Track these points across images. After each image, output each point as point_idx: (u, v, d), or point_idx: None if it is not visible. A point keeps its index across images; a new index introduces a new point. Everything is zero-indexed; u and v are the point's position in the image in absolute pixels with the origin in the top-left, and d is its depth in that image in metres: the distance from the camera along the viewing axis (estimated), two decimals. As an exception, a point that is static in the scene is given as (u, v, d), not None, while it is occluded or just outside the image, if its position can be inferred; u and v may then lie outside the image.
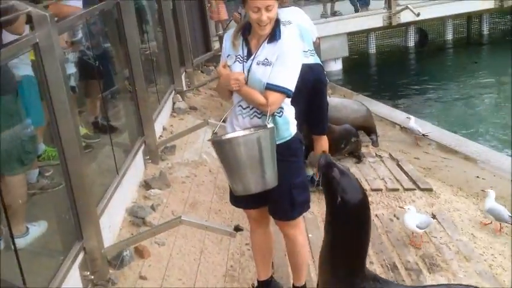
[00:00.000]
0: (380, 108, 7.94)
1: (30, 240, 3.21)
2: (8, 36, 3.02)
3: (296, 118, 2.88)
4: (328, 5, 10.63)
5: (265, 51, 2.70)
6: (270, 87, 2.65)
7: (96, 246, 3.19)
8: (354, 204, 2.37)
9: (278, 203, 2.86)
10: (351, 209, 2.37)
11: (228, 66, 2.77)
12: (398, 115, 7.59)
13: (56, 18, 3.12)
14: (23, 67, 3.45)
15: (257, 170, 2.62)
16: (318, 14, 10.59)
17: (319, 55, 4.31)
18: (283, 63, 2.67)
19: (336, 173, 2.40)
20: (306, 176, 3.02)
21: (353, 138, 5.24)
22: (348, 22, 10.27)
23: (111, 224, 3.65)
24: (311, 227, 4.01)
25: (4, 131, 3.04)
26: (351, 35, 11.17)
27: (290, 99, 2.79)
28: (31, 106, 3.71)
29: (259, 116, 2.72)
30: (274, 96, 2.66)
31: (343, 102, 6.39)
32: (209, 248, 3.74)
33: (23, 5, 2.70)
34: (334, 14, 10.48)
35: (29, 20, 2.90)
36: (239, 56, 2.76)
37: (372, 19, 10.36)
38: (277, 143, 2.70)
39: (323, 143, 4.37)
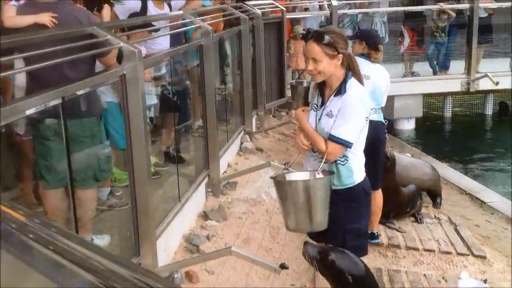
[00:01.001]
0: (448, 172, 7.83)
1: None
2: (100, 66, 3.41)
3: None
4: (407, 65, 10.70)
5: (332, 103, 2.93)
6: (330, 138, 2.88)
7: (150, 264, 3.43)
8: (362, 276, 2.51)
9: (330, 241, 3.01)
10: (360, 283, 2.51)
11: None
12: (467, 182, 7.46)
13: (143, 55, 3.50)
14: (108, 94, 3.85)
15: (307, 212, 2.85)
16: (398, 72, 10.63)
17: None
18: (343, 116, 2.88)
19: (332, 256, 2.55)
20: (365, 223, 3.15)
21: (419, 201, 5.29)
22: (425, 83, 10.27)
23: (167, 247, 3.90)
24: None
25: (85, 149, 3.41)
26: (427, 96, 11.14)
27: (361, 149, 3.02)
28: (113, 130, 4.11)
29: (322, 161, 2.93)
30: (332, 147, 2.88)
31: (412, 162, 6.35)
32: (255, 283, 3.89)
33: (116, 41, 3.07)
34: (412, 74, 10.54)
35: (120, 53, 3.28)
36: (315, 105, 3.05)
37: (450, 83, 10.28)
38: (338, 188, 2.93)
39: (376, 199, 4.45)
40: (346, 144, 2.88)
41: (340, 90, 2.92)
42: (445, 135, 11.96)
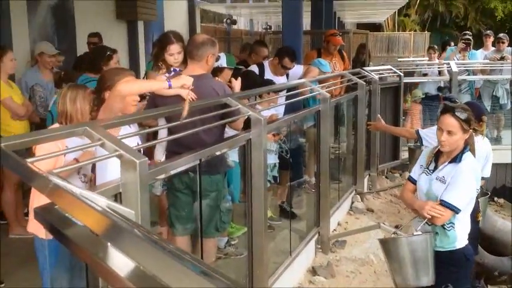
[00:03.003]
0: None
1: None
2: (229, 131, 3.88)
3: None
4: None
5: (445, 169, 3.15)
6: (446, 205, 3.08)
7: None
8: None
9: None
10: None
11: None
12: None
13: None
14: (232, 154, 4.31)
15: (412, 268, 3.12)
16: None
17: None
18: (455, 183, 3.08)
19: None
20: (465, 287, 3.28)
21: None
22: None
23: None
24: None
25: (210, 202, 3.83)
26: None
27: (468, 217, 3.20)
28: (233, 185, 4.55)
29: (429, 224, 3.17)
30: (446, 213, 3.08)
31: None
32: None
33: (245, 109, 3.52)
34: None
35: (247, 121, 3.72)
36: (427, 170, 3.26)
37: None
38: (440, 250, 3.15)
39: None
40: (455, 210, 3.06)
41: (456, 159, 3.12)
42: None
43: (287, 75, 5.82)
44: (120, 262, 1.28)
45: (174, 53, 3.98)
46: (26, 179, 1.62)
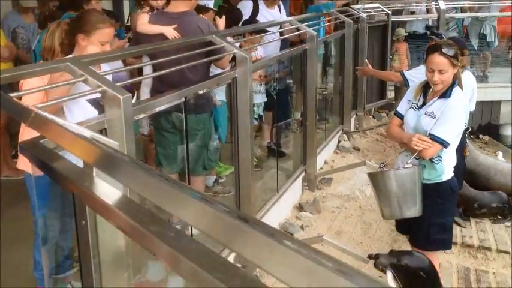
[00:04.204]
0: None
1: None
2: (214, 70, 3.86)
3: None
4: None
5: (435, 105, 3.19)
6: (435, 139, 3.13)
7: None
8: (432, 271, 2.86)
9: (416, 234, 3.37)
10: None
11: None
12: None
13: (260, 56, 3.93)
14: (219, 93, 4.31)
15: (399, 199, 3.20)
16: (506, 77, 10.24)
17: None
18: (445, 117, 3.13)
19: (405, 259, 2.86)
20: (451, 219, 3.38)
21: (495, 204, 5.30)
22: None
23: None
24: (444, 273, 4.22)
25: (197, 141, 3.88)
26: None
27: (454, 151, 3.27)
28: (220, 125, 4.58)
29: (417, 158, 3.21)
30: (436, 146, 3.13)
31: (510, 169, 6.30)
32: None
33: (230, 47, 3.50)
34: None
35: (232, 59, 3.71)
36: (415, 104, 3.30)
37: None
38: (427, 183, 3.21)
39: None
40: (444, 144, 3.12)
41: (446, 94, 3.16)
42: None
43: (279, 7, 5.71)
44: (107, 191, 1.32)
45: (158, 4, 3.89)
46: (9, 111, 1.63)
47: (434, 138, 3.11)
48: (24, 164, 2.73)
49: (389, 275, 2.96)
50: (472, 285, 4.11)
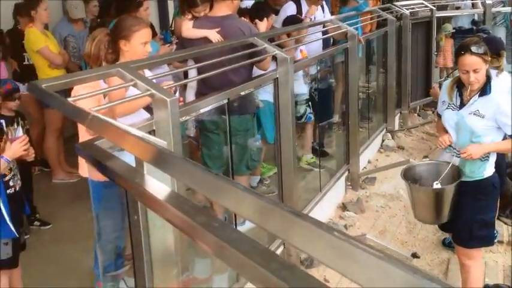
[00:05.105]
0: None
1: (244, 230, 4.09)
2: (256, 71, 3.95)
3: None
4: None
5: (477, 103, 3.17)
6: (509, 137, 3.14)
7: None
8: None
9: (458, 232, 3.38)
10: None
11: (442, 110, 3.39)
12: None
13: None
14: (264, 94, 4.39)
15: (435, 211, 3.27)
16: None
17: None
18: (504, 114, 3.11)
19: None
20: (492, 215, 3.36)
21: None
22: None
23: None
24: (490, 273, 4.17)
25: (240, 141, 3.97)
26: None
27: None
28: (265, 126, 4.65)
29: (458, 155, 3.25)
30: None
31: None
32: (387, 271, 4.18)
33: (272, 49, 3.57)
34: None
35: (274, 59, 3.78)
36: (452, 104, 3.29)
37: None
38: (469, 180, 3.22)
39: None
40: None
41: (486, 91, 3.14)
42: None
43: (322, 8, 5.74)
44: (156, 187, 1.41)
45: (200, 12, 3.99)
46: (68, 114, 1.75)
47: None
48: (84, 170, 2.89)
49: None
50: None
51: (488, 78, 3.18)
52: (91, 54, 2.95)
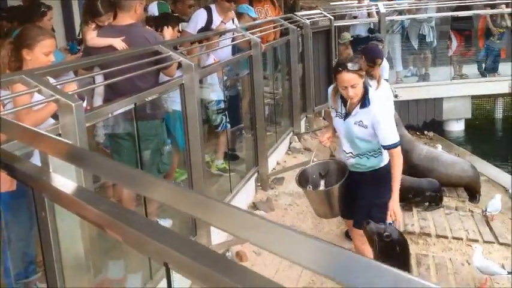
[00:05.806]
0: (496, 173, 8.07)
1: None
2: (163, 77, 4.07)
3: None
4: (456, 67, 10.85)
5: (360, 115, 3.52)
6: (388, 148, 3.50)
7: (205, 243, 4.05)
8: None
9: (357, 214, 3.73)
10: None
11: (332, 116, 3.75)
12: (509, 180, 7.66)
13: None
14: (174, 104, 4.49)
15: (328, 208, 3.78)
16: (446, 74, 10.76)
17: None
18: (381, 127, 3.47)
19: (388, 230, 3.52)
20: (389, 198, 3.66)
21: (428, 192, 5.68)
22: (473, 85, 10.41)
23: (219, 230, 4.51)
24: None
25: (151, 146, 4.06)
26: (476, 98, 11.20)
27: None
28: (176, 132, 4.75)
29: (353, 157, 3.63)
30: (394, 152, 3.50)
31: (453, 160, 6.70)
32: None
33: (176, 56, 3.72)
34: (460, 76, 10.71)
35: (179, 66, 3.92)
36: (339, 113, 3.59)
37: (498, 85, 10.34)
38: (369, 170, 3.63)
39: None
40: (397, 144, 3.50)
41: (365, 103, 3.48)
42: (495, 136, 11.98)
43: (233, 20, 5.94)
44: (63, 183, 1.52)
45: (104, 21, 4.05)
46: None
47: (389, 147, 3.48)
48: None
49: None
50: (413, 268, 4.44)
51: (366, 90, 3.51)
52: None
